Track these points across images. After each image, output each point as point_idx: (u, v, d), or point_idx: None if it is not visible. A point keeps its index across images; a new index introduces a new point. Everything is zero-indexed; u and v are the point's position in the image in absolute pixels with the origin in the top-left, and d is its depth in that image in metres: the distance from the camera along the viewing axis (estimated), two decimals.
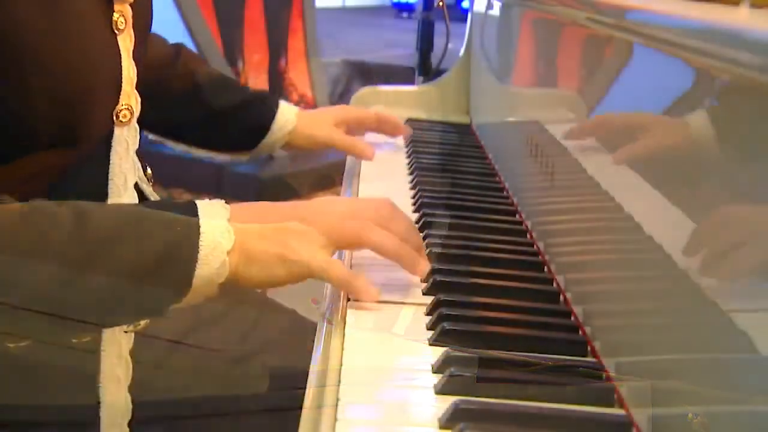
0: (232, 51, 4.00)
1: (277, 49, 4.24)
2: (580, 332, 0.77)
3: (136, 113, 0.88)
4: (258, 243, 0.75)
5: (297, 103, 4.24)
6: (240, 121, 1.24)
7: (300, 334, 1.02)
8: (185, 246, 0.73)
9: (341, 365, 0.68)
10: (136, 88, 0.87)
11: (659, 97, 0.67)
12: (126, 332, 0.86)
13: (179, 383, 0.94)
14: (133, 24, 0.86)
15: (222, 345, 0.99)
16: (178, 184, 3.26)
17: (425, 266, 0.83)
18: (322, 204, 0.84)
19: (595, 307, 0.77)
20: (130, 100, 0.86)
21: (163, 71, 1.17)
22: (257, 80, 4.10)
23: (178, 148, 1.28)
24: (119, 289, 0.71)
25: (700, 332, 0.56)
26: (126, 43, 0.85)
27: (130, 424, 0.85)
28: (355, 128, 1.35)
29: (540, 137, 1.04)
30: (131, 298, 0.73)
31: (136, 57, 0.87)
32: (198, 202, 0.78)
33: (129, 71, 0.86)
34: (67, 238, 0.70)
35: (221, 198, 0.80)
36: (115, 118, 0.85)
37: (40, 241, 0.69)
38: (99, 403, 0.83)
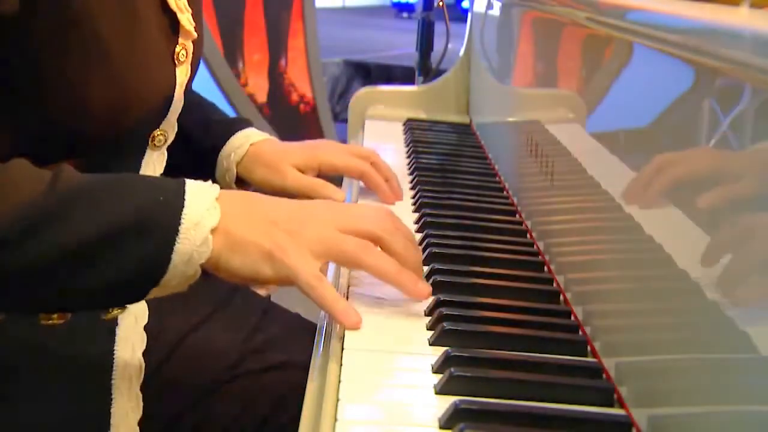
0: (232, 51, 4.00)
1: (277, 49, 4.25)
2: (580, 332, 0.77)
3: (170, 140, 0.89)
4: (246, 232, 0.71)
5: (297, 104, 4.25)
6: (191, 145, 1.09)
7: (300, 334, 1.02)
8: (167, 214, 0.69)
9: (341, 365, 0.68)
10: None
11: (659, 97, 0.67)
12: (105, 319, 0.84)
13: (183, 382, 0.94)
14: (191, 60, 0.88)
15: (224, 345, 0.99)
16: None
17: (427, 289, 0.77)
18: (320, 208, 0.77)
19: (595, 307, 0.77)
20: (167, 127, 0.88)
21: None
22: (257, 80, 4.10)
23: None
24: (89, 250, 0.67)
25: (700, 332, 0.56)
26: (182, 76, 0.87)
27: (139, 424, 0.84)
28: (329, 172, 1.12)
29: (540, 137, 1.04)
30: (102, 266, 0.68)
31: (187, 92, 0.88)
32: (187, 180, 0.73)
33: (178, 102, 0.87)
34: (43, 188, 0.67)
35: None
36: (150, 140, 0.87)
37: (13, 190, 0.67)
38: (111, 402, 0.82)
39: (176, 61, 0.85)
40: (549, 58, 1.10)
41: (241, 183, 1.10)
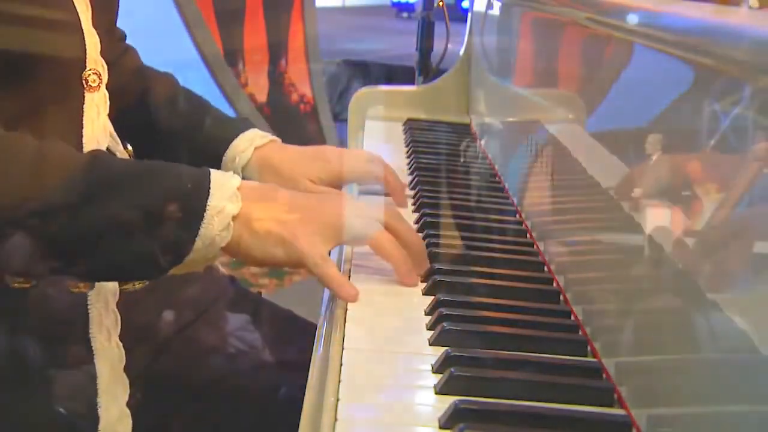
0: (232, 51, 4.00)
1: (277, 49, 4.25)
2: (580, 332, 0.77)
3: (104, 79, 0.90)
4: (264, 220, 0.79)
5: (297, 104, 4.24)
6: (189, 147, 1.08)
7: (293, 332, 1.02)
8: (193, 202, 0.76)
9: (341, 365, 0.68)
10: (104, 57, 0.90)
11: (659, 97, 0.67)
12: (122, 290, 0.86)
13: (173, 380, 0.94)
14: None
15: (215, 343, 0.99)
16: None
17: (416, 279, 0.85)
18: (333, 197, 0.86)
19: (595, 307, 0.77)
20: (96, 65, 0.89)
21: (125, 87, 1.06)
22: (257, 80, 4.10)
23: None
24: (120, 230, 0.74)
25: (699, 332, 0.56)
26: (83, 8, 0.87)
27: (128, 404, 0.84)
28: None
29: (540, 137, 1.04)
30: (133, 245, 0.75)
31: (97, 26, 0.89)
32: (211, 170, 0.80)
33: (91, 37, 0.88)
34: (79, 174, 0.74)
35: None
36: (84, 83, 0.88)
37: (53, 173, 0.73)
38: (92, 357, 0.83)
39: None
40: (549, 58, 1.10)
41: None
